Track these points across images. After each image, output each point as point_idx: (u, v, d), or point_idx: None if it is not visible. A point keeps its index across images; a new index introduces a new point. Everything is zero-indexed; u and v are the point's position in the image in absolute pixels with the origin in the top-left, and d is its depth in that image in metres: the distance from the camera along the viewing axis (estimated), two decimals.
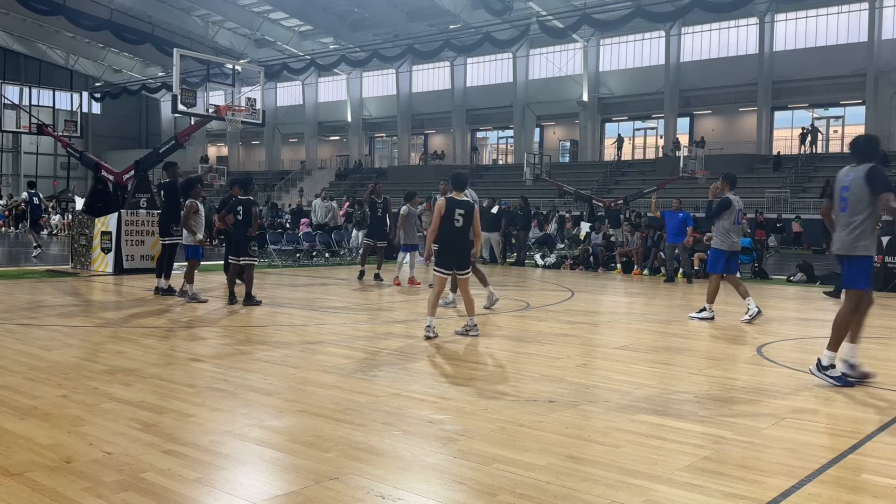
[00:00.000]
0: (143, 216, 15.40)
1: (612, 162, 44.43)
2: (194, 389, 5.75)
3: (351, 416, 5.08)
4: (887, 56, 36.42)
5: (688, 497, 3.73)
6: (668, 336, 9.00)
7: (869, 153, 6.53)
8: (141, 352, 7.20)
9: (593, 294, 14.08)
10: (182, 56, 16.01)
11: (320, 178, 52.41)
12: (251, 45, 53.32)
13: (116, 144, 63.46)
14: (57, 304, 10.74)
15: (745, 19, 39.81)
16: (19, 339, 7.76)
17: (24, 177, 61.75)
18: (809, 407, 5.62)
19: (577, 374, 6.62)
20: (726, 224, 10.22)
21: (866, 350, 8.39)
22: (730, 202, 10.21)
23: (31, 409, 5.07)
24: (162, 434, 4.58)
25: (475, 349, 7.88)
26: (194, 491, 3.71)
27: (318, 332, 8.77)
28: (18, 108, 18.59)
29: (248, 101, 16.70)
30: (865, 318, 6.68)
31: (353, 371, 6.51)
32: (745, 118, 42.19)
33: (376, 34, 46.96)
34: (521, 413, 5.25)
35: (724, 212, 10.20)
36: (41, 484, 3.73)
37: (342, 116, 55.91)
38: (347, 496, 3.66)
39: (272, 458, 4.22)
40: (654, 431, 4.85)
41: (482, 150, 52.93)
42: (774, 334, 9.26)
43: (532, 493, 3.74)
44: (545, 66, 46.85)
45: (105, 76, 63.58)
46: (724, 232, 10.27)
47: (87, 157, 17.93)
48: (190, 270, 11.30)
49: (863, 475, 4.12)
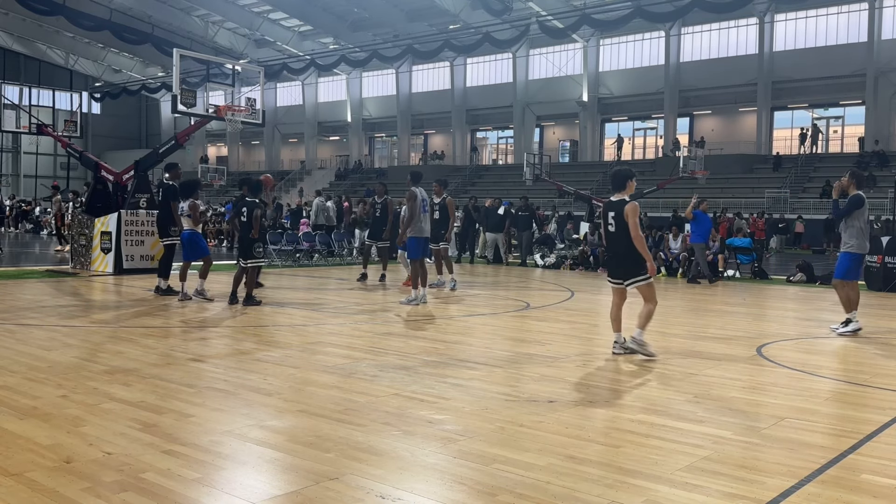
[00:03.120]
0: (142, 216, 15.39)
1: (612, 162, 44.37)
2: (194, 389, 5.75)
3: (351, 416, 5.08)
4: (887, 56, 36.43)
5: (687, 497, 3.73)
6: (667, 336, 9.00)
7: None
8: (141, 352, 7.20)
9: (593, 294, 14.08)
10: (182, 56, 16.01)
11: (320, 179, 52.42)
12: (251, 45, 53.33)
13: (116, 144, 63.47)
14: (57, 304, 10.74)
15: (745, 19, 39.81)
16: (19, 339, 7.75)
17: (24, 177, 61.89)
18: (809, 407, 5.62)
19: (577, 374, 6.62)
20: (860, 224, 9.36)
21: (866, 350, 8.39)
22: (862, 199, 9.35)
23: (30, 410, 5.07)
24: (162, 434, 4.58)
25: (475, 349, 7.88)
26: (194, 491, 3.71)
27: (318, 332, 8.77)
28: (18, 108, 18.59)
29: (248, 101, 16.70)
30: None
31: (353, 371, 6.51)
32: (745, 118, 42.20)
33: (376, 34, 46.97)
34: (521, 413, 5.24)
35: (856, 210, 9.33)
36: (41, 484, 3.73)
37: (342, 116, 55.92)
38: (347, 496, 3.66)
39: (272, 459, 4.22)
40: (653, 431, 4.85)
41: (482, 150, 52.93)
42: (774, 334, 9.26)
43: (532, 493, 3.73)
44: (545, 66, 46.85)
45: (105, 76, 63.57)
46: (858, 233, 9.36)
47: (87, 157, 17.93)
48: (204, 268, 11.44)
49: (863, 475, 4.12)
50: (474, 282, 15.90)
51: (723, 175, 36.63)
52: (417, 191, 11.55)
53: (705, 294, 14.42)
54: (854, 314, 9.30)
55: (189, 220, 11.39)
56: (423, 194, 11.72)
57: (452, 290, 13.51)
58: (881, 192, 32.59)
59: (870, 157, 35.61)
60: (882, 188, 32.69)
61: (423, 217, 11.61)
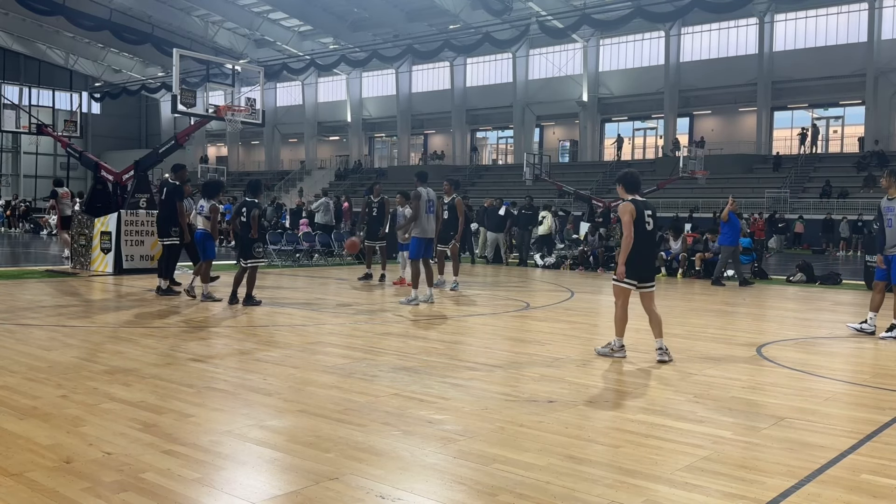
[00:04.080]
0: (142, 216, 15.39)
1: (612, 162, 44.43)
2: (194, 389, 5.75)
3: (351, 416, 5.08)
4: (887, 56, 36.43)
5: (687, 497, 3.73)
6: (667, 336, 8.98)
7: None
8: (140, 352, 7.19)
9: (593, 294, 14.08)
10: (182, 56, 16.00)
11: (320, 179, 52.40)
12: (251, 45, 53.32)
13: (116, 144, 63.44)
14: (57, 304, 10.74)
15: (745, 19, 39.82)
16: (19, 339, 7.75)
17: (24, 177, 61.86)
18: (809, 407, 5.62)
19: (577, 374, 6.62)
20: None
21: (866, 350, 8.40)
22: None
23: (30, 410, 5.07)
24: (161, 434, 4.58)
25: (475, 349, 7.88)
26: (194, 491, 3.71)
27: (318, 332, 8.77)
28: (18, 108, 18.58)
29: (248, 101, 16.68)
30: None
31: (352, 371, 6.51)
32: (745, 118, 42.21)
33: (376, 34, 46.97)
34: (521, 413, 5.24)
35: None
36: (41, 484, 3.73)
37: (342, 116, 55.91)
38: (347, 496, 3.66)
39: (272, 459, 4.22)
40: (653, 431, 4.85)
41: (482, 150, 52.93)
42: (774, 334, 9.26)
43: (532, 493, 3.73)
44: (545, 66, 46.85)
45: (105, 76, 63.55)
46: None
47: (87, 157, 17.93)
48: (206, 270, 11.44)
49: (863, 475, 4.12)
50: (474, 282, 15.89)
51: (723, 175, 36.63)
52: (423, 190, 11.47)
53: (705, 294, 14.42)
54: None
55: (208, 221, 11.40)
56: (430, 195, 11.65)
57: (452, 290, 13.51)
58: (881, 192, 32.58)
59: (870, 157, 35.62)
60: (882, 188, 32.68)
61: (427, 217, 11.57)
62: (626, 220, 7.16)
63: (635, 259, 7.21)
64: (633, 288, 7.35)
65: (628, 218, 7.15)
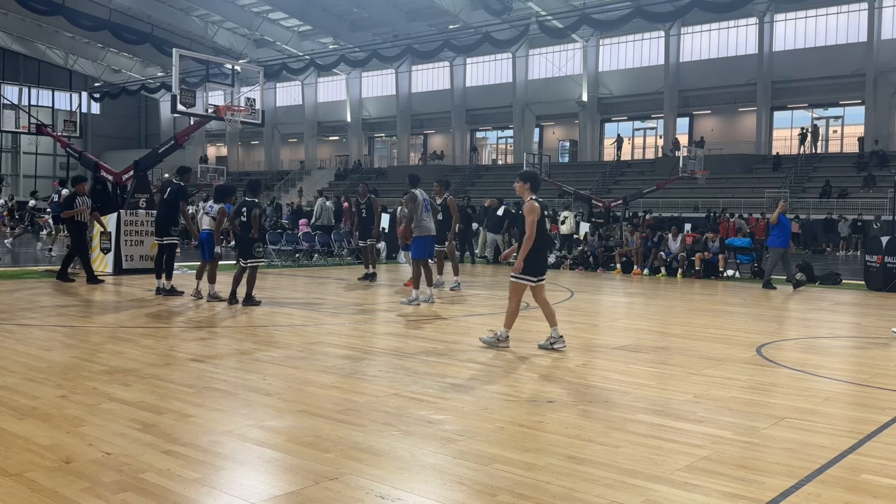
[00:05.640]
0: (142, 216, 15.39)
1: (612, 162, 44.45)
2: (193, 389, 5.75)
3: (350, 416, 5.08)
4: (887, 56, 36.43)
5: (687, 497, 3.73)
6: (667, 336, 9.00)
7: None
8: (140, 352, 7.19)
9: (593, 294, 14.08)
10: (181, 56, 16.00)
11: (320, 179, 52.40)
12: (250, 45, 53.29)
13: (116, 144, 63.43)
14: (56, 304, 10.73)
15: (745, 19, 39.81)
16: (19, 340, 7.75)
17: (24, 177, 61.85)
18: (809, 407, 5.62)
19: (577, 374, 6.62)
20: None
21: (866, 350, 8.40)
22: None
23: (30, 410, 5.07)
24: (161, 434, 4.57)
25: (475, 350, 7.87)
26: (193, 491, 3.71)
27: (318, 332, 8.77)
28: (18, 108, 18.59)
29: (248, 101, 16.69)
30: None
31: (352, 371, 6.51)
32: (745, 118, 42.20)
33: (376, 34, 46.95)
34: (521, 413, 5.24)
35: None
36: (40, 484, 3.73)
37: (341, 116, 55.90)
38: (347, 496, 3.66)
39: (271, 459, 4.22)
40: (653, 431, 4.84)
41: (481, 150, 52.91)
42: (774, 334, 9.26)
43: (532, 493, 3.73)
44: (545, 66, 46.85)
45: (104, 76, 63.55)
46: None
47: (87, 157, 17.94)
48: (212, 270, 11.48)
49: (863, 475, 4.12)
50: (474, 282, 15.89)
51: (722, 175, 36.64)
52: (418, 192, 11.59)
53: (705, 294, 14.43)
54: None
55: (213, 222, 11.50)
56: (424, 195, 11.77)
57: (453, 290, 13.51)
58: (881, 192, 32.60)
59: (869, 157, 35.63)
60: (882, 188, 32.70)
61: (426, 216, 11.65)
62: (532, 220, 7.46)
63: (535, 256, 7.52)
64: (532, 283, 7.60)
65: (534, 218, 7.45)
